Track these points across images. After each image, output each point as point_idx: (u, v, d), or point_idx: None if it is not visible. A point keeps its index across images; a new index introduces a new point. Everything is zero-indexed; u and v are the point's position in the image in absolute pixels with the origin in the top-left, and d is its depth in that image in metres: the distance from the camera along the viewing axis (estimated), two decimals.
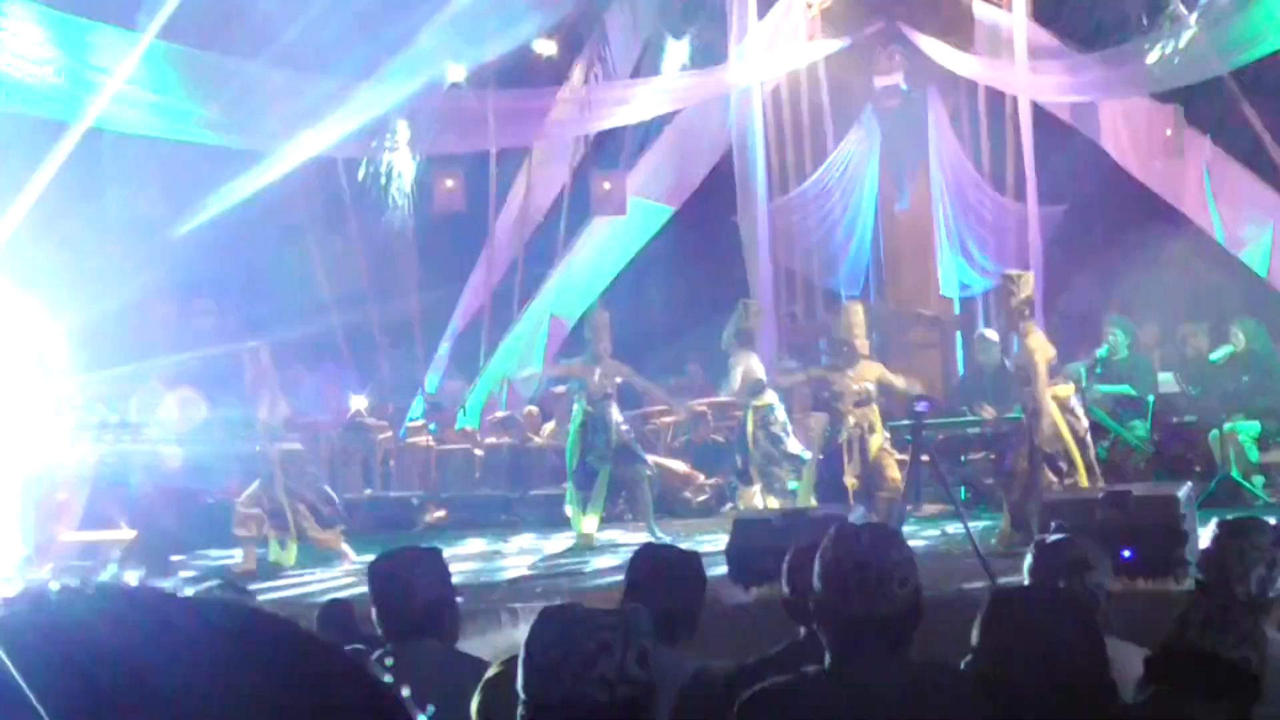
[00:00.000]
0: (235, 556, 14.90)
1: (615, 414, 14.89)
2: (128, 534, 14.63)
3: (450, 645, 4.97)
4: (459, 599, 5.14)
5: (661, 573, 5.22)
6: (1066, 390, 13.16)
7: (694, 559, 5.51)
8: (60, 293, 15.54)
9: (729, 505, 16.23)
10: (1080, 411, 13.21)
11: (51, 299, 15.21)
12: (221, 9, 18.11)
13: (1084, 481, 12.76)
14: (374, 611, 5.02)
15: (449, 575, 5.11)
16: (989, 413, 15.40)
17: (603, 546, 14.72)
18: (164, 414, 15.95)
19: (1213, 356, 16.25)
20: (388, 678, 1.20)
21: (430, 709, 3.92)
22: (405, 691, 1.17)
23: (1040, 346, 12.97)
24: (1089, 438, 13.25)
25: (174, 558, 14.60)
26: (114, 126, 18.27)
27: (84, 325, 15.66)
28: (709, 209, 20.81)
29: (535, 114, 20.14)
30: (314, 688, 1.10)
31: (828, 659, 3.69)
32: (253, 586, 10.34)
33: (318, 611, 7.31)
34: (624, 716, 2.94)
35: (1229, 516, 5.98)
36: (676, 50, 20.44)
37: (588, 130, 20.61)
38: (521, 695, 3.00)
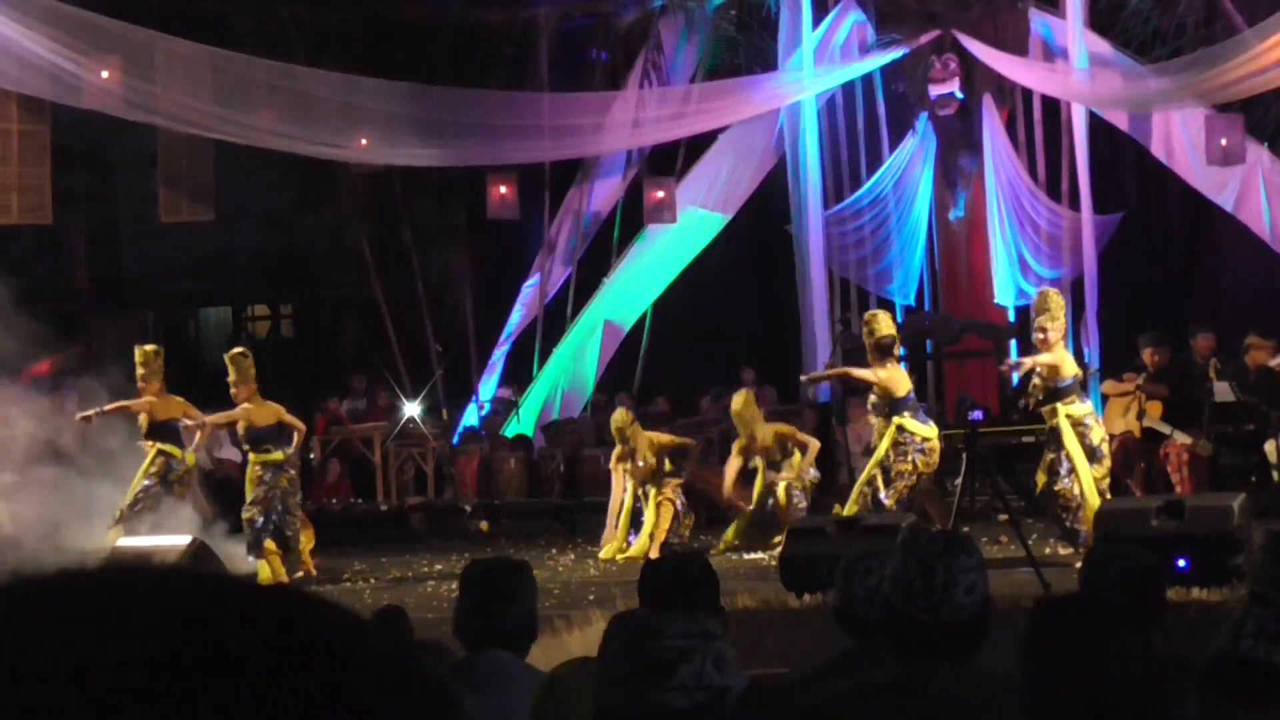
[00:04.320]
0: None
1: None
2: None
3: (522, 658, 4.97)
4: None
5: (672, 580, 5.22)
6: (1083, 409, 13.25)
7: (700, 559, 5.55)
8: None
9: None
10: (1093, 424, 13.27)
11: None
12: None
13: (1091, 499, 12.71)
14: (463, 616, 5.00)
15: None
16: None
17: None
18: None
19: (1272, 361, 16.11)
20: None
21: None
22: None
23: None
24: (1104, 448, 13.29)
25: None
26: (173, 127, 18.45)
27: None
28: (762, 218, 20.79)
29: (590, 123, 20.16)
30: (381, 693, 1.08)
31: (892, 667, 3.67)
32: None
33: (371, 616, 7.32)
34: None
35: None
36: (730, 60, 20.42)
37: (642, 145, 20.62)
38: (597, 702, 2.99)
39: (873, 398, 14.01)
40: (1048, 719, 3.48)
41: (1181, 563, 10.16)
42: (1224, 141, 17.68)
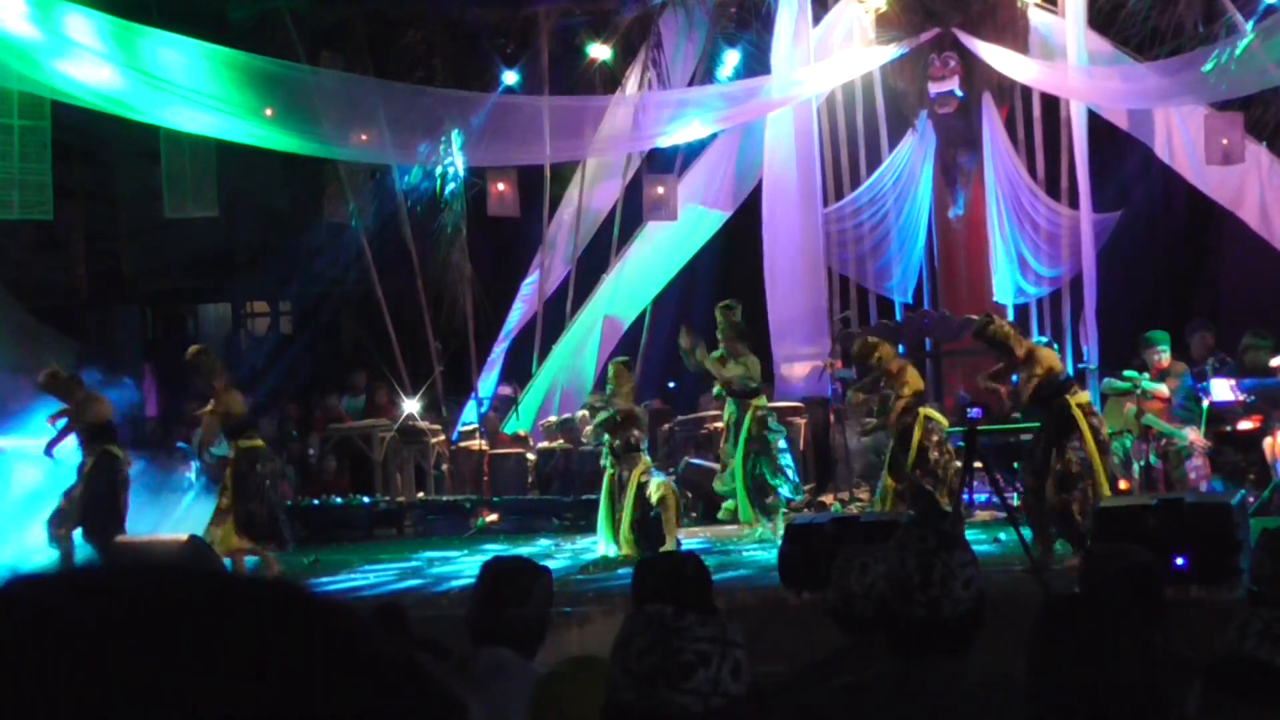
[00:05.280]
0: None
1: None
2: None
3: (526, 659, 4.95)
4: None
5: (666, 579, 5.22)
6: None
7: (694, 559, 5.56)
8: None
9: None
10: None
11: None
12: None
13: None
14: (475, 608, 4.99)
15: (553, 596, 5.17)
16: None
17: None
18: None
19: (1273, 362, 16.11)
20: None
21: None
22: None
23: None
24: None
25: None
26: (176, 127, 18.45)
27: None
28: (761, 214, 20.76)
29: (590, 121, 20.14)
30: (381, 695, 1.08)
31: (889, 663, 3.67)
32: None
33: (371, 615, 7.31)
34: None
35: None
36: (730, 58, 20.41)
37: (641, 148, 20.60)
38: (608, 696, 2.96)
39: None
40: (1050, 716, 3.48)
41: (1180, 561, 10.16)
42: (1224, 140, 17.68)
